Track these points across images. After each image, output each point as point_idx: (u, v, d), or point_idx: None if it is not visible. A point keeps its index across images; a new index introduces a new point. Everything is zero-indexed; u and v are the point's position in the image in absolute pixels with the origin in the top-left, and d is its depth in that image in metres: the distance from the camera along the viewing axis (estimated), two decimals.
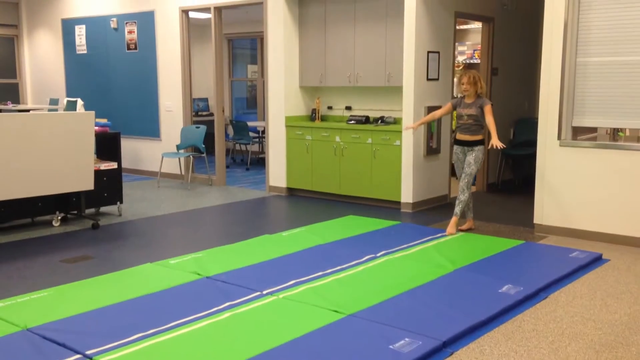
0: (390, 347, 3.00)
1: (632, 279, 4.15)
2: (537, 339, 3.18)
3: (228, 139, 9.82)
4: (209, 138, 8.16)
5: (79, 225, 5.77)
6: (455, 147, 5.48)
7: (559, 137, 5.22)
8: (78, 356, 2.94)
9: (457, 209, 5.31)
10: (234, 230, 5.88)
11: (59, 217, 5.75)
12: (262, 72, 10.23)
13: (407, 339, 3.07)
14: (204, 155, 8.03)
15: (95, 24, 9.11)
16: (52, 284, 4.02)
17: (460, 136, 5.38)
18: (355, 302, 3.60)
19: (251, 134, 9.88)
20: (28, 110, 8.86)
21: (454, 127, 7.63)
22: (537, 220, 5.43)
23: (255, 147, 10.46)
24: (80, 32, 9.35)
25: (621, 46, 4.94)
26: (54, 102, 9.45)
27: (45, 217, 5.84)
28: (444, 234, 5.27)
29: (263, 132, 9.39)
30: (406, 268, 4.32)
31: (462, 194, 5.31)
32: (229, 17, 9.05)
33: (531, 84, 7.68)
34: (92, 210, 6.23)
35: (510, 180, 7.80)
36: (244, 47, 11.94)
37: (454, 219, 5.32)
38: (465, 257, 4.56)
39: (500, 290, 3.79)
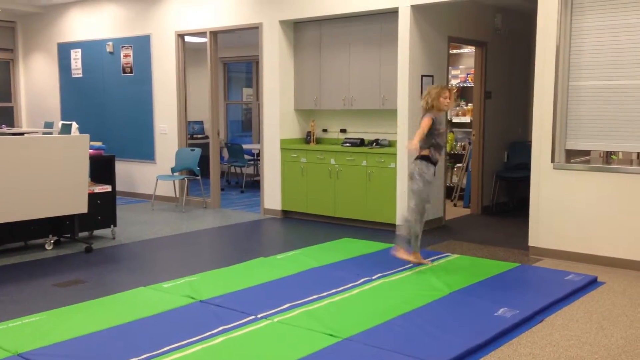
0: None
1: (627, 302, 4.14)
2: None
3: (223, 162, 9.83)
4: (204, 161, 8.17)
5: (72, 249, 5.72)
6: (432, 168, 4.85)
7: (552, 160, 5.25)
8: None
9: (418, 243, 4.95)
10: (228, 253, 5.85)
11: (52, 241, 5.71)
12: (257, 95, 10.29)
13: None
14: (199, 177, 8.02)
15: (91, 48, 9.17)
16: (44, 308, 3.97)
17: (438, 156, 4.88)
18: (351, 325, 3.58)
19: (246, 156, 9.90)
20: (23, 134, 8.85)
21: (449, 149, 7.68)
22: (532, 242, 5.43)
23: (250, 170, 10.47)
24: (76, 56, 9.40)
25: (613, 70, 5.00)
26: (49, 125, 9.45)
27: (39, 240, 5.79)
28: (439, 256, 5.26)
29: (258, 154, 9.40)
30: (402, 291, 4.29)
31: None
32: (225, 41, 9.13)
33: (524, 107, 7.75)
34: (85, 233, 6.19)
35: (505, 202, 7.82)
36: (239, 71, 12.03)
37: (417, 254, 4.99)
38: (460, 280, 4.54)
39: (496, 314, 3.77)
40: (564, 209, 5.23)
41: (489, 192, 7.63)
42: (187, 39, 8.26)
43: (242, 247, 6.04)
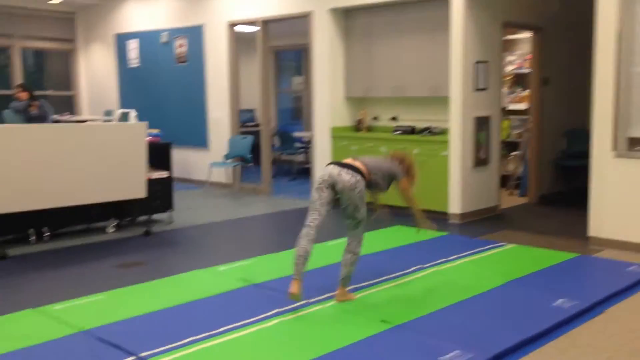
0: (440, 359, 2.97)
1: None
2: (593, 355, 3.08)
3: (274, 150, 9.92)
4: (256, 148, 8.28)
5: (132, 232, 5.92)
6: None
7: (613, 149, 5.07)
8: (132, 357, 3.03)
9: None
10: (280, 238, 5.93)
11: (113, 224, 5.92)
12: (308, 83, 10.32)
13: (457, 351, 3.03)
14: (251, 165, 8.13)
15: (146, 39, 9.39)
16: (106, 288, 4.13)
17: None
18: (404, 312, 3.58)
19: (296, 144, 9.96)
20: (84, 121, 9.18)
21: (504, 137, 7.51)
22: (591, 232, 5.27)
23: (300, 157, 10.54)
24: (132, 46, 9.66)
25: None
26: (109, 113, 9.76)
27: (100, 223, 6.02)
28: (494, 245, 5.18)
29: (308, 142, 9.45)
30: (455, 280, 4.26)
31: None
32: (275, 29, 9.17)
33: (583, 94, 7.46)
34: (144, 217, 6.39)
35: (563, 191, 7.60)
36: (289, 59, 12.07)
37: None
38: (516, 270, 4.46)
39: (553, 304, 3.69)
40: (625, 198, 5.05)
41: (546, 180, 7.43)
42: (239, 27, 8.35)
43: (294, 233, 6.06)
